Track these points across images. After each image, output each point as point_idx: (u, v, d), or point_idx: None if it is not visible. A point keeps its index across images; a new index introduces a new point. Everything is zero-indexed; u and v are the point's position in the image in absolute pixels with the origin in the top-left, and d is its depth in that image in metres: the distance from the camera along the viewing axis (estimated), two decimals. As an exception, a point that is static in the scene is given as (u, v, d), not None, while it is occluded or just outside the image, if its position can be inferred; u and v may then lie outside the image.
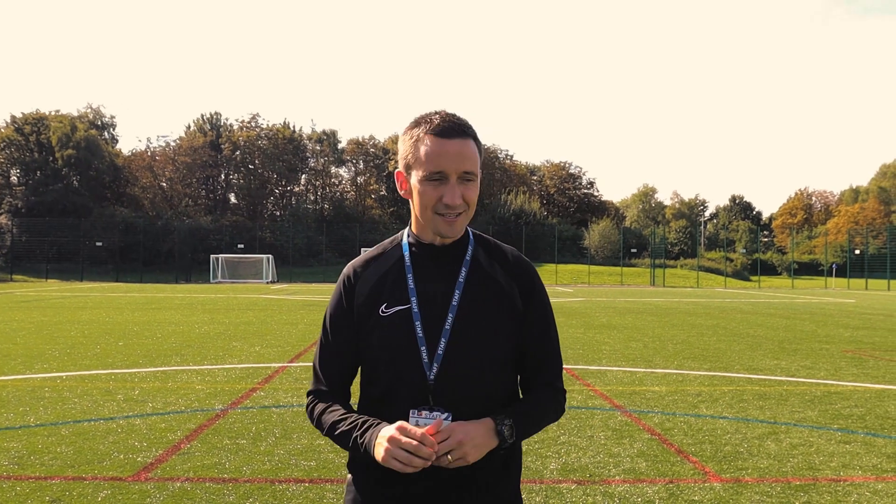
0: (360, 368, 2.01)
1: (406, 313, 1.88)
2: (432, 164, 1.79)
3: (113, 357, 11.02)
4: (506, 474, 1.93)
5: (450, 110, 1.88)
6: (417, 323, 1.87)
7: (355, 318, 1.93)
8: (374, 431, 1.77)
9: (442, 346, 1.85)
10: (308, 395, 2.03)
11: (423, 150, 1.81)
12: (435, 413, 1.79)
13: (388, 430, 1.72)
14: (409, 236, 1.99)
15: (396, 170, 1.95)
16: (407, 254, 1.96)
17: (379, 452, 1.71)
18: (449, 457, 1.69)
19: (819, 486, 5.10)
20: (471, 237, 2.00)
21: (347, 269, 2.01)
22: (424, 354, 1.85)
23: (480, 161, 1.90)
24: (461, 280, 1.91)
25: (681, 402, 7.98)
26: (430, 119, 1.84)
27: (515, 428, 1.82)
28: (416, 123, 1.86)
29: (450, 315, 1.87)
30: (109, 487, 4.88)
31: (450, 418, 1.80)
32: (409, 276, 1.92)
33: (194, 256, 56.89)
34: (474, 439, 1.74)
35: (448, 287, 1.90)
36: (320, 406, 1.96)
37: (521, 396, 2.03)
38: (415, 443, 1.66)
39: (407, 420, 1.81)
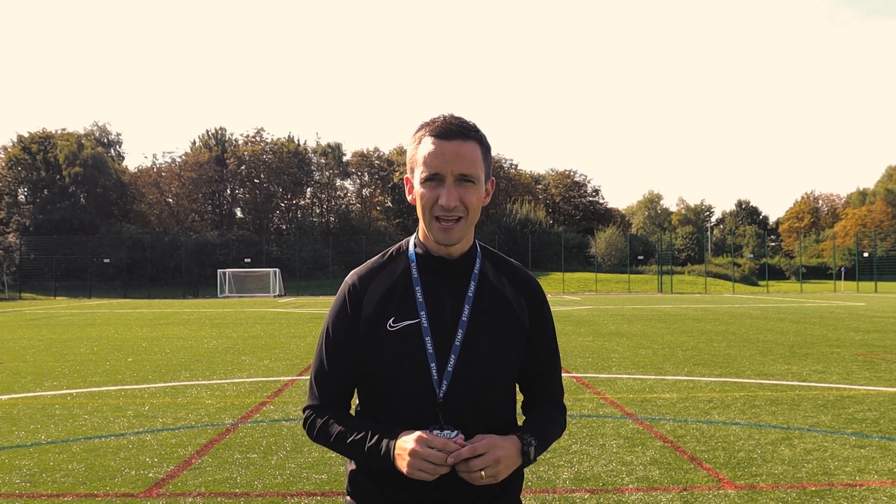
0: (358, 386, 1.94)
1: (415, 328, 1.82)
2: (429, 165, 1.76)
3: (122, 373, 11.04)
4: (507, 491, 1.91)
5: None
6: (428, 338, 1.81)
7: (361, 330, 1.85)
8: (390, 441, 1.73)
9: (452, 362, 1.80)
10: (305, 411, 1.93)
11: (422, 151, 1.79)
12: (446, 432, 1.74)
13: (408, 442, 1.68)
14: (415, 245, 1.93)
15: (405, 175, 1.92)
16: (414, 265, 1.90)
17: (402, 465, 1.69)
18: (483, 473, 1.67)
19: (835, 491, 5.06)
20: (478, 250, 1.95)
21: (351, 277, 1.92)
22: (434, 371, 1.79)
23: (488, 167, 1.85)
24: (470, 294, 1.86)
25: (692, 408, 7.94)
26: (434, 121, 1.82)
27: (537, 449, 1.81)
28: (421, 126, 1.84)
29: (460, 331, 1.82)
30: (121, 504, 4.87)
31: (461, 437, 1.77)
32: (418, 288, 1.86)
33: (201, 271, 57.03)
34: (508, 458, 1.72)
35: (457, 301, 1.85)
36: (321, 420, 1.87)
37: (526, 413, 2.00)
38: (441, 455, 1.65)
39: None
